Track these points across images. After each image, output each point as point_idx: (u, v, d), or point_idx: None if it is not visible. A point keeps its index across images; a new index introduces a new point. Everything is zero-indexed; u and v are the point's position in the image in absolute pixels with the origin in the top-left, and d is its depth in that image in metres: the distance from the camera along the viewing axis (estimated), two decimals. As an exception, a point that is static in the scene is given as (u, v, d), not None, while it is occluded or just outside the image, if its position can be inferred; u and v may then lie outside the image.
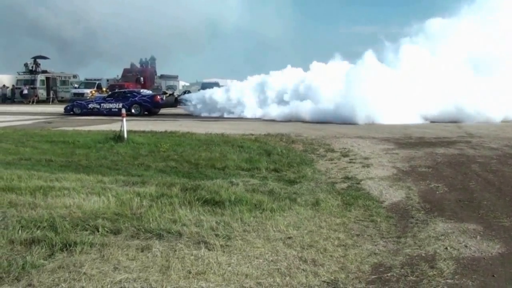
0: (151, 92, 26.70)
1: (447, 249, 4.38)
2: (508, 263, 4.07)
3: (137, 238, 4.45)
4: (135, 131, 13.21)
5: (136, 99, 23.11)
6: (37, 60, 40.29)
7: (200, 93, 24.31)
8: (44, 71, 40.47)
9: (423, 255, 4.24)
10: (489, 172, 7.85)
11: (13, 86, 39.46)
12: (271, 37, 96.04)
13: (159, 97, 24.15)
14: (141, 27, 64.74)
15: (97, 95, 30.94)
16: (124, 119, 11.82)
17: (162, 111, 24.39)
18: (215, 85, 26.48)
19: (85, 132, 14.30)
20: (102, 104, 23.02)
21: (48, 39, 58.41)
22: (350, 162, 9.02)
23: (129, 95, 23.74)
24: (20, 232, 4.47)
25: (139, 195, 5.86)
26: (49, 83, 40.17)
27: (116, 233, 4.56)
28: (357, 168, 8.40)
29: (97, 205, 5.41)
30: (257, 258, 4.05)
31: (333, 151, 10.41)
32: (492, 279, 3.77)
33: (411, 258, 4.17)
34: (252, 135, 13.12)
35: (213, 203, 5.56)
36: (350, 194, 6.43)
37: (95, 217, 4.93)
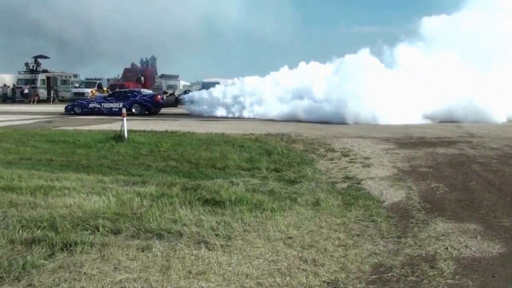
0: (151, 91, 26.72)
1: (447, 249, 4.38)
2: (508, 263, 4.07)
3: (138, 238, 4.45)
4: (135, 131, 13.22)
5: (136, 98, 23.14)
6: (38, 59, 40.33)
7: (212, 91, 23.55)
8: (44, 71, 40.50)
9: (424, 255, 4.24)
10: (489, 172, 7.85)
11: (14, 85, 39.50)
12: (271, 37, 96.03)
13: (159, 96, 24.18)
14: (141, 27, 64.75)
15: (97, 95, 30.99)
16: (124, 119, 11.83)
17: (162, 110, 24.43)
18: (215, 85, 26.47)
19: (86, 131, 14.32)
20: (102, 103, 23.06)
21: (48, 39, 58.45)
22: (350, 162, 9.02)
23: (129, 94, 23.78)
24: (20, 231, 4.47)
25: (139, 194, 5.86)
26: (50, 82, 40.21)
27: (116, 233, 4.56)
28: (357, 168, 8.40)
29: (98, 205, 5.41)
30: (257, 258, 4.06)
31: (333, 151, 10.41)
32: (492, 279, 3.77)
33: (411, 258, 4.17)
34: (252, 134, 13.14)
35: (214, 203, 5.56)
36: (350, 194, 6.42)
37: (95, 217, 4.93)
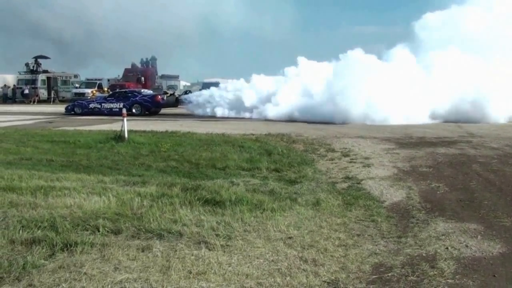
0: (152, 92, 26.71)
1: (447, 249, 4.37)
2: (509, 263, 4.07)
3: (138, 238, 4.45)
4: (136, 131, 13.23)
5: (137, 99, 23.14)
6: (38, 60, 40.33)
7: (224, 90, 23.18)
8: (45, 71, 40.51)
9: (424, 255, 4.24)
10: (490, 172, 7.85)
11: (14, 86, 39.53)
12: (272, 37, 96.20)
13: (160, 97, 24.18)
14: (142, 27, 64.80)
15: (98, 95, 31.01)
16: (125, 119, 11.83)
17: (163, 111, 24.42)
18: (216, 85, 26.47)
19: (86, 132, 14.33)
20: (103, 104, 23.07)
21: (49, 39, 58.46)
22: (350, 162, 9.02)
23: (130, 95, 23.78)
24: (21, 232, 4.47)
25: (139, 195, 5.87)
26: (50, 83, 40.21)
27: (116, 233, 4.56)
28: (357, 168, 8.40)
29: (98, 205, 5.41)
30: (257, 258, 4.05)
31: (333, 151, 10.41)
32: (493, 279, 3.77)
33: (411, 258, 4.17)
34: (252, 135, 13.13)
35: (214, 203, 5.56)
36: (350, 194, 6.42)
37: (95, 217, 4.93)
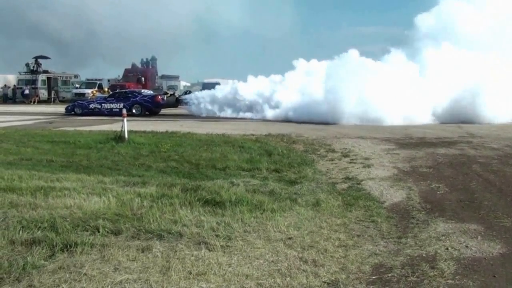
0: (152, 92, 26.70)
1: (448, 249, 4.37)
2: (509, 264, 4.06)
3: (138, 238, 4.45)
4: (136, 131, 13.22)
5: (137, 99, 23.13)
6: (39, 60, 40.35)
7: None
8: (45, 71, 40.53)
9: (424, 255, 4.24)
10: (490, 172, 7.85)
11: (15, 86, 39.54)
12: (272, 37, 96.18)
13: (160, 97, 24.16)
14: (142, 27, 64.94)
15: (98, 95, 31.01)
16: (125, 119, 11.83)
17: (163, 111, 24.40)
18: (216, 85, 26.45)
19: (86, 132, 14.33)
20: (103, 104, 23.07)
21: (49, 39, 58.59)
22: (350, 162, 9.02)
23: (130, 95, 23.78)
24: (20, 232, 4.47)
25: (139, 195, 5.86)
26: (50, 83, 40.20)
27: (116, 233, 4.56)
28: (357, 168, 8.39)
29: (98, 206, 5.41)
30: (257, 258, 4.05)
31: (333, 151, 10.41)
32: (493, 279, 3.77)
33: (411, 258, 4.17)
34: (253, 135, 13.13)
35: (214, 204, 5.56)
36: (350, 194, 6.42)
37: (95, 217, 4.93)
